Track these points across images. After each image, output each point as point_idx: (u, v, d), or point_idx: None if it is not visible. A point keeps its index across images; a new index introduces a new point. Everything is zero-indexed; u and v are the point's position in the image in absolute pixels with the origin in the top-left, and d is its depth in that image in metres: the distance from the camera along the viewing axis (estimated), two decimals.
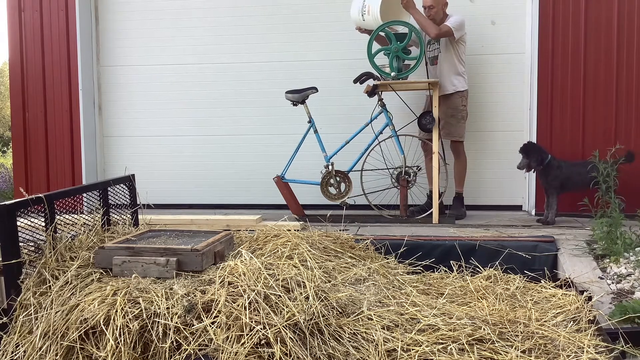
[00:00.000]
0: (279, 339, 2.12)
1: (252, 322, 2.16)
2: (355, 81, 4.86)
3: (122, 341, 2.20)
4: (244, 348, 2.11)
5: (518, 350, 2.26)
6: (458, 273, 3.37)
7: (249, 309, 2.19)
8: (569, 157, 5.04)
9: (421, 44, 4.76)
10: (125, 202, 3.50)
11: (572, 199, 4.79)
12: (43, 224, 2.74)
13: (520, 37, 5.19)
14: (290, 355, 2.11)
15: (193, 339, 2.21)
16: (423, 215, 4.88)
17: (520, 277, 3.21)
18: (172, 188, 5.80)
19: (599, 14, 4.94)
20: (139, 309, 2.27)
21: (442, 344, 2.29)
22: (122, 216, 3.44)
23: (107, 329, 2.22)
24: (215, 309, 2.25)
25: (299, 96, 4.95)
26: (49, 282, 2.55)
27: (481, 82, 5.29)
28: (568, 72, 5.02)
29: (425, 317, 2.49)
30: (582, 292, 2.89)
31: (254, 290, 2.25)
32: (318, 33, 5.55)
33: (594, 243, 3.79)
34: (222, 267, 2.49)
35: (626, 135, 4.92)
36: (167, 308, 2.28)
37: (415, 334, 2.34)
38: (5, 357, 2.36)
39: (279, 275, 2.38)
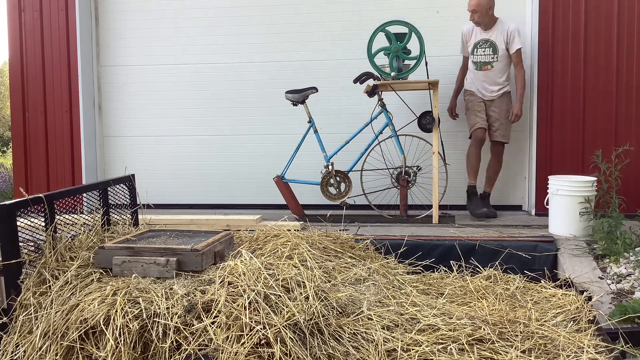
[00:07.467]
0: (279, 339, 2.12)
1: (252, 322, 2.16)
2: (355, 81, 4.86)
3: (122, 341, 2.20)
4: (244, 348, 2.11)
5: (518, 350, 2.26)
6: (458, 273, 3.37)
7: (249, 309, 2.19)
8: (569, 157, 5.04)
9: (421, 45, 4.75)
10: (125, 202, 3.50)
11: None
12: (43, 224, 2.74)
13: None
14: (290, 355, 2.11)
15: (193, 339, 2.21)
16: (423, 215, 4.88)
17: (520, 277, 3.20)
18: (172, 188, 5.81)
19: (599, 14, 4.94)
20: (139, 309, 2.27)
21: (442, 344, 2.28)
22: (122, 216, 3.44)
23: (107, 329, 2.22)
24: (215, 309, 2.25)
25: (299, 96, 4.95)
26: (49, 282, 2.55)
27: None
28: (568, 72, 5.02)
29: (425, 317, 2.49)
30: (582, 292, 2.89)
31: (254, 290, 2.25)
32: (318, 33, 5.55)
33: (594, 243, 3.79)
34: (222, 267, 2.48)
35: (626, 135, 4.92)
36: (167, 308, 2.28)
37: (415, 334, 2.34)
38: (5, 357, 2.36)
39: (279, 275, 2.38)
